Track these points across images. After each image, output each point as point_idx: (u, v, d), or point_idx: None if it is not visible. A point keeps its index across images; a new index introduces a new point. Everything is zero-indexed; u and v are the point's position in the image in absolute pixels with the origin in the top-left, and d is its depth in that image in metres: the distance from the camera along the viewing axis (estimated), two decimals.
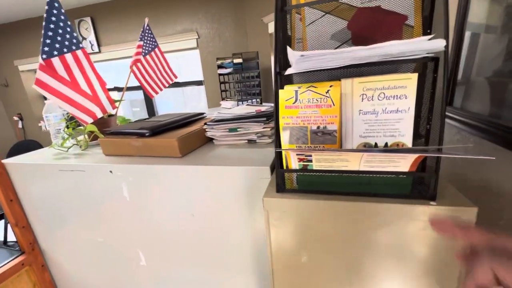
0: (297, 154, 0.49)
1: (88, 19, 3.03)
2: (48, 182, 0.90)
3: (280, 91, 0.48)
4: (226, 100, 2.22)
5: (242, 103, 1.97)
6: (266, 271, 0.75)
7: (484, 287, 0.26)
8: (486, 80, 0.79)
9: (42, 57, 0.82)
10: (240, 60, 1.94)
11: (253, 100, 1.98)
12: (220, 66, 2.16)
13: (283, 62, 0.54)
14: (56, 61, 0.84)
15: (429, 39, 0.36)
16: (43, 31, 0.82)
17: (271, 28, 2.26)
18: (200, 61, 2.90)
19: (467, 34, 0.83)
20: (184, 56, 3.17)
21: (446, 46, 0.40)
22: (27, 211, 1.00)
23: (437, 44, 0.35)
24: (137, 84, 1.32)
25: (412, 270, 0.48)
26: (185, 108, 3.63)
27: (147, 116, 3.58)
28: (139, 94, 3.45)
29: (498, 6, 0.69)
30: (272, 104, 1.05)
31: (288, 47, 0.42)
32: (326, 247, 0.52)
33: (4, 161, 0.93)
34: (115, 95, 1.22)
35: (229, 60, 2.06)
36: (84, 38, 3.12)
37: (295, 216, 0.52)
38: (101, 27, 3.07)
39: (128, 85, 1.20)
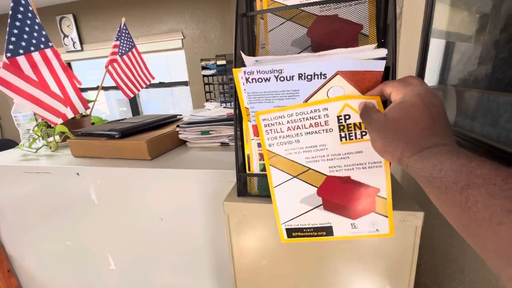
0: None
1: (70, 16, 2.96)
2: (14, 185, 0.87)
3: (240, 93, 0.48)
4: (210, 101, 2.21)
5: (226, 105, 1.97)
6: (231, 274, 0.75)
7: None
8: (452, 87, 0.82)
9: (6, 56, 0.79)
10: (223, 62, 1.94)
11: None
12: (204, 67, 2.15)
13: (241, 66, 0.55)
14: (22, 60, 0.82)
15: (375, 48, 0.38)
16: (8, 29, 0.79)
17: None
18: (185, 62, 2.88)
19: (436, 42, 0.85)
20: (173, 57, 3.14)
21: (393, 57, 0.42)
22: None
23: (380, 53, 0.37)
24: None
25: (372, 269, 0.49)
26: (173, 109, 3.58)
27: (132, 116, 3.52)
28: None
29: (460, 13, 0.72)
30: None
31: (242, 53, 0.43)
32: (286, 251, 0.52)
33: None
34: (100, 94, 1.20)
35: (213, 62, 2.05)
36: (66, 36, 3.04)
37: (255, 221, 0.52)
38: (84, 25, 3.00)
39: (114, 85, 1.17)
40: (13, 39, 0.80)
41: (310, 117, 0.39)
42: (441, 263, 0.73)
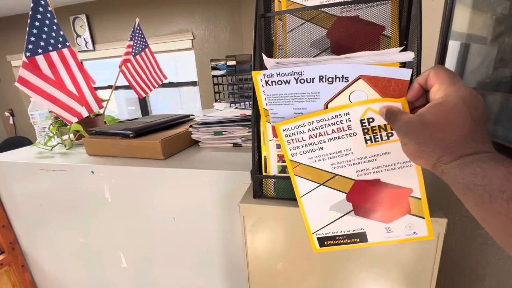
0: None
1: (83, 17, 3.01)
2: (30, 182, 0.89)
3: (259, 94, 0.48)
4: (219, 102, 2.21)
5: (235, 105, 1.97)
6: (244, 276, 0.75)
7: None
8: None
9: (25, 55, 0.81)
10: (233, 63, 1.94)
11: (246, 103, 1.98)
12: (214, 68, 2.16)
13: (263, 68, 0.54)
14: (40, 59, 0.83)
15: (400, 51, 0.37)
16: (27, 29, 0.81)
17: None
18: (195, 62, 2.90)
19: (453, 44, 0.84)
20: (181, 56, 3.17)
21: (419, 58, 0.41)
22: (8, 210, 0.99)
23: (406, 56, 0.36)
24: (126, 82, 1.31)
25: (389, 275, 0.48)
26: (181, 109, 3.61)
27: (141, 115, 3.56)
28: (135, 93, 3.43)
29: (482, 15, 0.70)
30: None
31: (263, 55, 0.43)
32: (301, 254, 0.52)
33: None
34: (109, 93, 1.22)
35: (222, 62, 2.06)
36: (78, 36, 3.10)
37: (271, 223, 0.52)
38: (96, 25, 3.05)
39: (123, 84, 1.19)
40: (32, 39, 0.81)
41: (332, 123, 0.38)
42: (459, 271, 0.71)
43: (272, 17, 0.55)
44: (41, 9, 0.83)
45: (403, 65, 0.41)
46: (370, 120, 0.37)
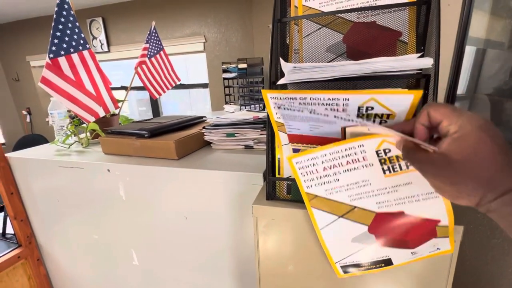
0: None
1: (100, 19, 3.10)
2: (48, 178, 0.92)
3: None
4: (230, 104, 2.24)
5: (245, 108, 1.99)
6: (255, 276, 0.75)
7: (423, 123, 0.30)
8: (486, 97, 0.79)
9: (49, 56, 0.84)
10: (244, 66, 1.96)
11: (256, 106, 2.00)
12: (225, 71, 2.18)
13: (279, 71, 0.55)
14: (62, 60, 0.87)
15: (419, 57, 0.37)
16: (51, 31, 0.85)
17: None
18: (206, 65, 2.94)
19: (469, 49, 0.83)
20: (191, 59, 3.22)
21: (436, 65, 0.41)
22: (26, 205, 1.02)
23: (425, 62, 0.36)
24: (140, 83, 1.34)
25: (402, 283, 0.48)
26: (190, 110, 3.66)
27: (152, 116, 3.62)
28: (146, 94, 3.50)
29: (498, 22, 0.70)
30: None
31: (281, 59, 0.43)
32: (313, 257, 0.52)
33: (7, 155, 0.95)
34: (122, 94, 1.25)
35: (234, 65, 2.08)
36: (94, 38, 3.19)
37: (283, 225, 0.52)
38: (112, 27, 3.14)
39: (135, 85, 1.22)
40: (55, 41, 0.85)
41: (346, 155, 0.37)
42: (474, 281, 0.70)
43: (288, 22, 0.56)
44: (64, 12, 0.86)
45: (421, 71, 0.41)
46: (387, 150, 0.35)
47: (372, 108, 0.36)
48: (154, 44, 1.27)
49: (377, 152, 0.36)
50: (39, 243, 1.08)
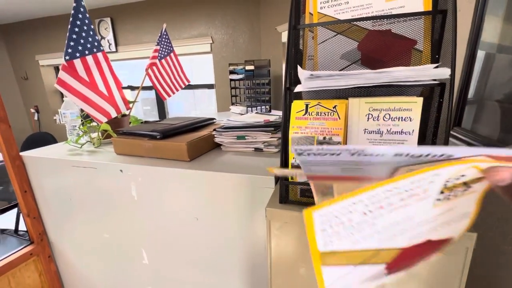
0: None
1: (108, 20, 3.14)
2: (61, 177, 0.94)
3: (294, 102, 0.50)
4: (236, 105, 2.25)
5: (251, 109, 2.00)
6: (264, 279, 0.76)
7: None
8: (497, 103, 0.79)
9: (65, 58, 0.86)
10: (252, 67, 1.97)
11: (262, 107, 2.01)
12: (232, 72, 2.20)
13: (293, 77, 0.56)
14: (77, 62, 0.89)
15: (435, 67, 0.38)
16: (67, 34, 0.87)
17: (285, 37, 2.30)
18: (213, 66, 2.96)
19: (480, 54, 0.83)
20: (197, 59, 3.24)
21: (452, 75, 0.42)
22: (39, 203, 1.04)
23: (442, 73, 0.37)
24: (149, 84, 1.36)
25: (414, 284, 0.49)
26: (194, 110, 3.68)
27: (157, 115, 3.65)
28: (151, 94, 3.53)
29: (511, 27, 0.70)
30: (281, 114, 1.07)
31: (298, 67, 0.44)
32: None
33: (22, 153, 0.98)
34: (128, 93, 1.27)
35: (241, 67, 2.10)
36: (103, 38, 3.23)
37: (296, 228, 0.53)
38: (120, 28, 3.18)
39: (139, 85, 1.24)
40: (71, 43, 0.87)
41: (406, 190, 0.26)
42: (483, 287, 0.70)
43: (303, 29, 0.57)
44: (80, 15, 0.88)
45: (436, 80, 0.42)
46: (460, 177, 0.26)
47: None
48: (164, 46, 1.29)
49: (447, 181, 0.26)
50: (50, 241, 1.10)
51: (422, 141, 0.49)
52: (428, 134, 0.49)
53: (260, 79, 2.04)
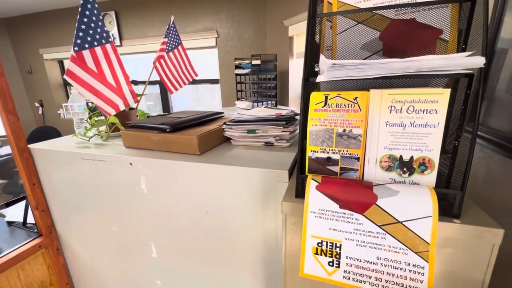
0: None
1: (113, 13, 3.12)
2: (70, 169, 0.94)
3: (313, 93, 0.49)
4: (242, 100, 2.23)
5: (257, 104, 1.98)
6: (275, 273, 0.75)
7: None
8: (510, 97, 0.77)
9: (74, 49, 0.85)
10: (258, 62, 1.95)
11: (269, 102, 1.99)
12: (237, 66, 2.18)
13: (309, 68, 0.55)
14: (86, 53, 0.87)
15: (468, 56, 0.36)
16: (76, 24, 0.85)
17: (291, 31, 2.26)
18: (218, 60, 2.93)
19: (500, 50, 0.80)
20: (200, 54, 3.21)
21: (486, 63, 0.40)
22: (47, 196, 1.04)
23: (476, 61, 0.35)
24: (152, 78, 1.34)
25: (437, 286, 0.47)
26: (198, 106, 3.67)
27: (161, 110, 3.64)
28: (155, 88, 3.52)
29: None
30: (291, 108, 1.05)
31: (321, 55, 0.43)
32: None
33: (30, 146, 0.97)
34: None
35: (247, 61, 2.07)
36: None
37: None
38: (124, 21, 3.15)
39: (142, 79, 1.22)
40: (80, 34, 0.86)
41: None
42: (505, 283, 0.69)
43: (320, 18, 0.55)
44: (89, 6, 0.87)
45: (467, 70, 0.40)
46: None
47: None
48: (172, 39, 1.27)
49: None
50: (58, 233, 1.10)
51: (445, 134, 0.47)
52: (452, 127, 0.47)
53: (266, 74, 2.02)
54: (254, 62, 1.95)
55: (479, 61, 0.35)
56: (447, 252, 0.45)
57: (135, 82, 3.54)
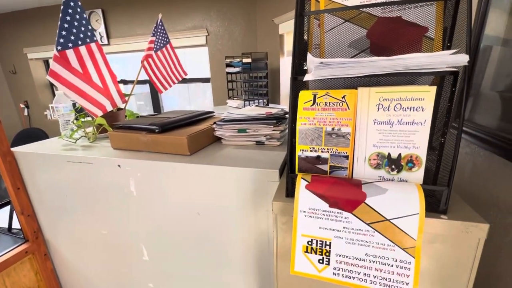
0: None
1: (99, 11, 3.04)
2: (56, 173, 0.91)
3: (301, 92, 0.48)
4: (233, 99, 2.22)
5: (249, 103, 1.97)
6: (267, 273, 0.75)
7: None
8: (498, 94, 0.79)
9: (57, 49, 0.82)
10: (249, 60, 1.94)
11: (260, 101, 1.98)
12: (228, 65, 2.16)
13: (298, 67, 0.54)
14: (70, 53, 0.85)
15: (452, 53, 0.36)
16: (59, 23, 0.82)
17: (282, 29, 2.26)
18: (208, 59, 2.91)
19: (484, 47, 0.82)
20: (191, 52, 3.18)
21: (470, 62, 0.40)
22: (33, 200, 1.01)
23: (460, 59, 0.35)
24: (142, 78, 1.32)
25: (422, 279, 0.48)
26: (189, 105, 3.63)
27: (151, 110, 3.59)
28: (145, 88, 3.46)
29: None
30: (281, 107, 1.05)
31: (308, 54, 0.43)
32: None
33: (13, 149, 0.94)
34: (121, 87, 1.23)
35: (238, 59, 2.06)
36: (94, 30, 3.13)
37: None
38: (111, 20, 3.08)
39: (132, 79, 1.20)
40: (63, 33, 0.83)
41: None
42: (482, 278, 0.70)
43: (308, 16, 0.55)
44: (72, 3, 0.84)
45: (452, 68, 0.40)
46: None
47: None
48: (160, 37, 1.25)
49: None
50: (46, 238, 1.07)
51: (432, 131, 0.48)
52: (438, 124, 0.48)
53: (257, 72, 2.01)
54: (245, 60, 1.94)
55: (463, 59, 0.35)
56: (435, 247, 0.46)
57: (125, 82, 3.47)
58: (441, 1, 0.45)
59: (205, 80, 3.18)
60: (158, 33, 1.24)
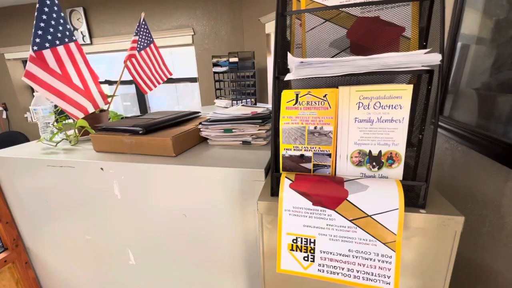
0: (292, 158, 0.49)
1: (80, 10, 2.95)
2: (36, 178, 0.88)
3: (284, 92, 0.49)
4: (221, 98, 2.21)
5: (237, 103, 1.97)
6: (256, 273, 0.75)
7: None
8: (474, 91, 0.82)
9: (33, 49, 0.79)
10: (236, 59, 1.93)
11: (248, 100, 1.98)
12: (215, 64, 2.14)
13: (281, 66, 0.55)
14: (47, 53, 0.82)
15: (426, 53, 0.38)
16: (34, 22, 0.79)
17: (268, 28, 2.26)
18: (195, 58, 2.87)
19: (458, 45, 0.85)
20: (178, 52, 3.14)
21: (442, 60, 0.42)
22: (11, 207, 0.97)
23: (433, 58, 0.36)
24: (129, 78, 1.29)
25: (403, 273, 0.49)
26: (177, 105, 3.58)
27: (138, 111, 3.52)
28: (131, 88, 3.39)
29: (489, 20, 0.72)
30: (268, 106, 1.05)
31: (288, 53, 0.43)
32: None
33: None
34: (105, 88, 1.20)
35: (225, 59, 2.04)
36: (75, 29, 3.03)
37: None
38: (94, 18, 2.99)
39: (116, 80, 1.17)
40: (39, 32, 0.80)
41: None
42: (463, 268, 0.73)
43: (290, 16, 0.55)
44: (48, 2, 0.81)
45: (427, 66, 0.41)
46: None
47: None
48: (144, 37, 1.22)
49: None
50: (26, 246, 1.03)
51: (410, 128, 0.49)
52: (416, 121, 0.49)
53: (245, 72, 2.01)
54: (232, 59, 1.93)
55: (436, 58, 0.36)
56: (415, 241, 0.47)
57: (110, 82, 3.38)
58: (417, 2, 0.47)
59: (192, 80, 3.15)
60: (141, 33, 1.21)
